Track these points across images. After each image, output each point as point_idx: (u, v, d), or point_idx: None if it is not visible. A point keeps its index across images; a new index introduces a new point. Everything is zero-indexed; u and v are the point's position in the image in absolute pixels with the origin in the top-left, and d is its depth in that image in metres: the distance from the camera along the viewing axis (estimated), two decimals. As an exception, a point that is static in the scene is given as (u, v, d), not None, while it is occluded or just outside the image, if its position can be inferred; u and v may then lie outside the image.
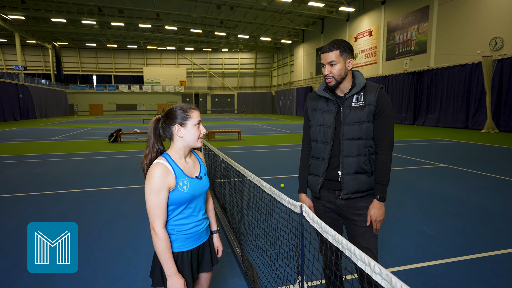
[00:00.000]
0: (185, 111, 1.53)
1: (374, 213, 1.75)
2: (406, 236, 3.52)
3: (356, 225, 1.81)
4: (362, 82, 1.78)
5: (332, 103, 1.85)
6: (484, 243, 3.30)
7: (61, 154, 9.62)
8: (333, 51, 1.73)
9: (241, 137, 13.81)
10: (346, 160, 1.78)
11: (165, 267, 1.45)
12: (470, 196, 5.00)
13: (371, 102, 1.76)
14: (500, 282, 2.57)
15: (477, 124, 17.11)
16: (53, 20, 31.80)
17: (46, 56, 46.87)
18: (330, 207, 1.89)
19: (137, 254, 3.11)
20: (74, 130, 18.61)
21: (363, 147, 1.77)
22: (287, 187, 5.50)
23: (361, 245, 1.80)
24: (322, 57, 1.77)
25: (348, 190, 1.77)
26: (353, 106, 1.79)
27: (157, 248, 1.44)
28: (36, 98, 33.27)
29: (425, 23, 20.80)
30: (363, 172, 1.78)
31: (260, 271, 2.56)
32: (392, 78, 23.53)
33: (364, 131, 1.77)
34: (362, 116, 1.76)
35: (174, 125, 1.51)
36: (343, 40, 1.77)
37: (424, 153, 9.39)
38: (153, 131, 1.56)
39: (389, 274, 0.90)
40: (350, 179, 1.78)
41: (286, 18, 32.81)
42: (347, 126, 1.78)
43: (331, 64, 1.74)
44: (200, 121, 1.56)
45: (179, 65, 51.72)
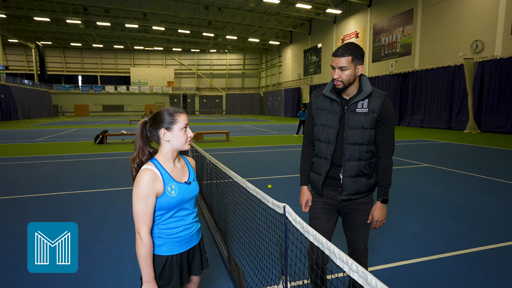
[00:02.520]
0: (172, 115, 1.51)
1: (377, 214, 1.88)
2: (390, 234, 3.60)
3: (354, 219, 1.93)
4: (368, 90, 1.81)
5: (337, 104, 1.87)
6: (465, 240, 3.40)
7: (45, 156, 9.41)
8: (346, 56, 1.73)
9: (229, 138, 13.81)
10: (348, 163, 1.85)
11: (144, 273, 1.45)
12: (452, 195, 5.15)
13: (375, 109, 1.80)
14: (477, 278, 2.66)
15: (459, 124, 17.58)
16: (36, 19, 31.07)
17: (29, 56, 45.73)
18: (331, 203, 1.96)
19: (123, 257, 3.09)
20: (58, 132, 18.22)
21: (364, 152, 1.84)
22: (274, 188, 5.54)
23: (355, 235, 1.93)
24: (333, 60, 1.77)
25: (348, 191, 1.86)
26: (357, 111, 1.83)
27: (140, 253, 1.44)
28: (18, 99, 32.42)
29: (410, 26, 21.25)
30: (363, 175, 1.86)
31: (246, 272, 2.57)
32: (378, 79, 23.95)
33: (366, 137, 1.82)
34: (365, 123, 1.81)
35: (160, 129, 1.50)
36: (356, 45, 1.77)
37: (409, 153, 9.59)
38: (140, 134, 1.55)
39: (365, 272, 0.94)
40: (351, 182, 1.85)
41: (274, 19, 32.97)
42: (350, 131, 1.83)
43: (342, 69, 1.75)
44: (187, 125, 1.55)
45: (167, 66, 51.30)
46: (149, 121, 1.55)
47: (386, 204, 1.88)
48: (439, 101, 19.03)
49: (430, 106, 19.74)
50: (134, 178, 1.51)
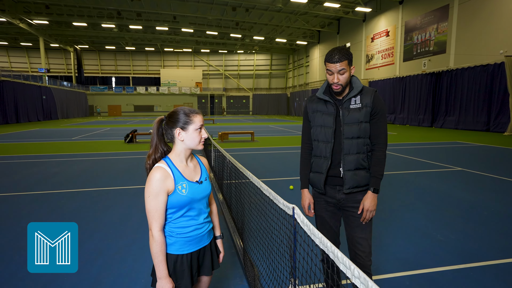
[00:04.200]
0: (188, 116, 1.53)
1: (368, 203, 1.89)
2: (414, 240, 3.44)
3: (354, 217, 1.96)
4: (359, 87, 1.92)
5: (331, 105, 1.97)
6: (496, 250, 3.18)
7: (78, 154, 9.93)
8: (343, 61, 1.82)
9: (254, 138, 13.85)
10: (347, 157, 1.91)
11: (157, 269, 1.47)
12: (486, 201, 4.84)
13: (368, 104, 1.90)
14: (509, 291, 2.48)
15: (499, 126, 16.50)
16: (75, 24, 32.89)
17: (68, 59, 48.55)
18: (332, 202, 2.02)
19: (144, 252, 3.18)
20: (93, 131, 19.17)
21: (362, 145, 1.92)
22: (296, 189, 5.48)
23: (358, 235, 1.94)
24: (331, 66, 1.84)
25: (349, 185, 1.91)
26: (351, 108, 1.92)
27: (152, 250, 1.47)
28: (58, 100, 34.47)
29: (445, 23, 20.26)
30: (362, 168, 1.93)
31: (260, 273, 2.56)
32: (410, 79, 23.03)
33: (362, 130, 1.91)
34: (360, 117, 1.90)
35: (176, 129, 1.52)
36: (346, 48, 1.88)
37: (440, 156, 9.13)
38: (156, 132, 1.57)
39: (366, 278, 0.90)
40: (351, 175, 1.91)
41: (302, 19, 32.69)
42: (347, 127, 1.91)
43: (340, 72, 1.84)
44: (202, 126, 1.57)
45: (195, 67, 52.40)
46: (165, 119, 1.58)
47: (377, 194, 1.91)
48: (476, 102, 17.97)
49: (466, 107, 18.69)
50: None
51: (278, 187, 5.77)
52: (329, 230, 2.05)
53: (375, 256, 3.08)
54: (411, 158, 8.70)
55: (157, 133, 1.57)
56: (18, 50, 47.00)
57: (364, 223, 1.94)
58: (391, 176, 6.51)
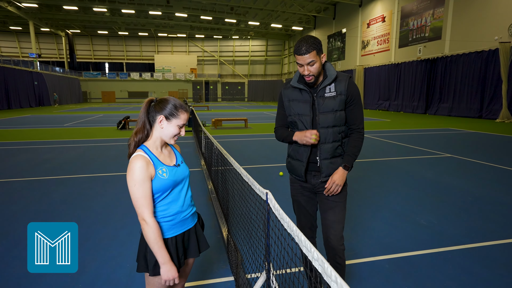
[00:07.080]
0: (177, 109, 1.55)
1: (336, 177, 1.89)
2: (397, 225, 3.51)
3: (328, 200, 1.98)
4: (333, 74, 1.90)
5: (306, 92, 1.95)
6: (477, 234, 3.26)
7: (70, 140, 9.87)
8: (311, 52, 1.79)
9: (247, 125, 13.83)
10: (323, 146, 1.93)
11: (158, 256, 1.47)
12: (471, 187, 4.92)
13: (342, 91, 1.89)
14: (485, 273, 2.55)
15: (491, 113, 16.61)
16: (65, 8, 32.02)
17: (59, 44, 47.52)
18: (307, 186, 2.06)
19: (131, 238, 3.22)
20: (86, 117, 18.99)
21: (337, 134, 1.93)
22: (285, 175, 5.52)
23: (330, 218, 1.97)
24: (300, 58, 1.82)
25: (326, 173, 1.95)
26: (326, 96, 1.91)
27: (149, 238, 1.46)
28: (50, 85, 33.93)
29: (441, 8, 20.06)
30: (338, 155, 1.96)
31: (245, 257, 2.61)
32: (405, 65, 22.94)
33: (338, 119, 1.91)
34: (334, 106, 1.90)
35: (160, 115, 1.54)
36: (313, 37, 1.85)
37: (431, 142, 9.21)
38: (144, 111, 1.58)
39: (324, 260, 0.93)
40: (328, 164, 1.94)
41: (297, 4, 32.13)
42: (322, 116, 1.91)
43: (310, 64, 1.82)
44: (184, 125, 1.60)
45: (190, 53, 51.64)
46: (154, 101, 1.59)
47: (347, 171, 1.93)
48: (470, 88, 18.00)
49: (459, 93, 18.73)
50: (131, 154, 1.54)
51: (267, 173, 5.81)
52: (306, 214, 2.09)
53: (357, 240, 3.15)
54: (402, 145, 8.77)
55: (145, 112, 1.58)
56: (8, 34, 45.80)
57: (327, 194, 1.92)
58: (379, 162, 6.58)
